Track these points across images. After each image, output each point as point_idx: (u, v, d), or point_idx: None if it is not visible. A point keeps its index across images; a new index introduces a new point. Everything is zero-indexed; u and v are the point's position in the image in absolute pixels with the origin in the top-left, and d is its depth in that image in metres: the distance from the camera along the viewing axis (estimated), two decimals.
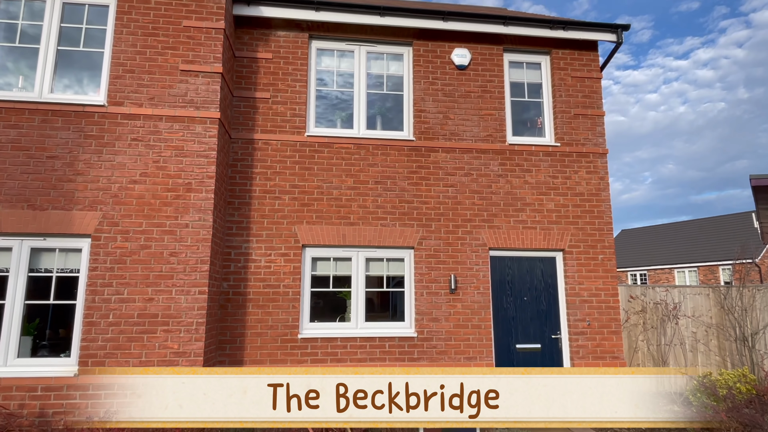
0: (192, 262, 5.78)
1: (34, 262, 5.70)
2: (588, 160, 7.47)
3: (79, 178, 5.79)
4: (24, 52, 6.13)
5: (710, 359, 9.18)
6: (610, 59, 7.82)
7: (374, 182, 6.99)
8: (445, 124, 7.29)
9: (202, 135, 6.05)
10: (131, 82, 6.06)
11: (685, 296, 9.37)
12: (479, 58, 7.53)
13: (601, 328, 7.02)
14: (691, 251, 30.77)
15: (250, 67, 7.05)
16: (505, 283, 7.12)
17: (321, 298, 6.82)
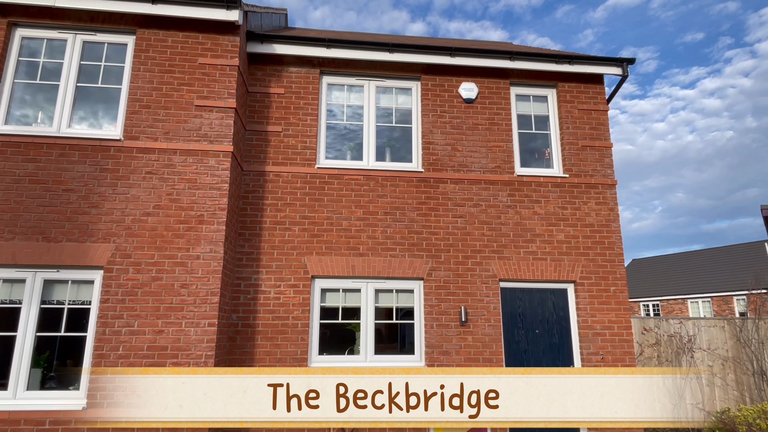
0: (202, 294, 5.80)
1: (47, 294, 5.75)
2: (597, 191, 7.49)
3: (93, 210, 5.89)
4: (43, 88, 6.33)
5: (728, 394, 8.94)
6: (617, 92, 7.92)
7: (383, 213, 7.04)
8: (453, 155, 7.37)
9: (215, 168, 6.16)
10: (147, 117, 6.22)
11: (699, 329, 9.21)
12: (486, 92, 7.67)
13: (615, 362, 6.89)
14: (703, 281, 30.32)
15: (262, 102, 7.22)
16: (516, 316, 7.05)
17: (330, 329, 6.78)
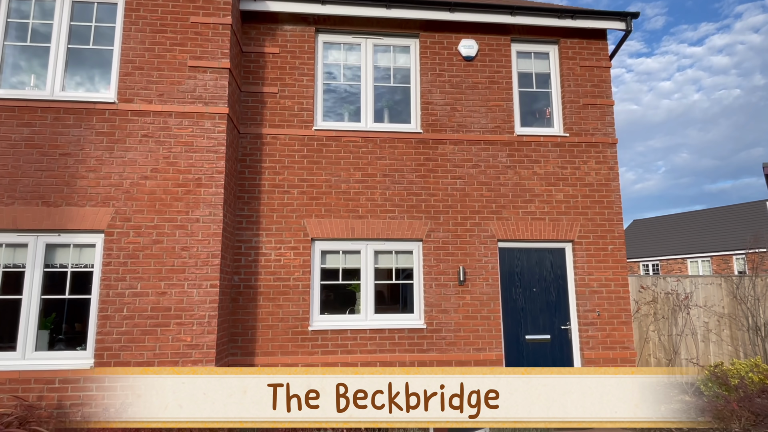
0: (203, 257, 5.86)
1: (50, 258, 5.81)
2: (597, 150, 7.43)
3: (91, 174, 5.88)
4: (35, 51, 6.21)
5: (722, 349, 9.13)
6: (620, 48, 7.74)
7: (382, 175, 7.01)
8: (452, 116, 7.28)
9: (211, 130, 6.11)
10: (141, 78, 6.12)
11: (696, 286, 9.31)
12: (486, 49, 7.49)
13: (611, 319, 7.01)
14: (704, 241, 30.45)
15: (257, 62, 7.08)
16: (514, 275, 7.12)
17: (331, 290, 6.88)
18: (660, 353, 9.03)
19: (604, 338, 6.95)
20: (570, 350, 7.02)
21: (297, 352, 6.49)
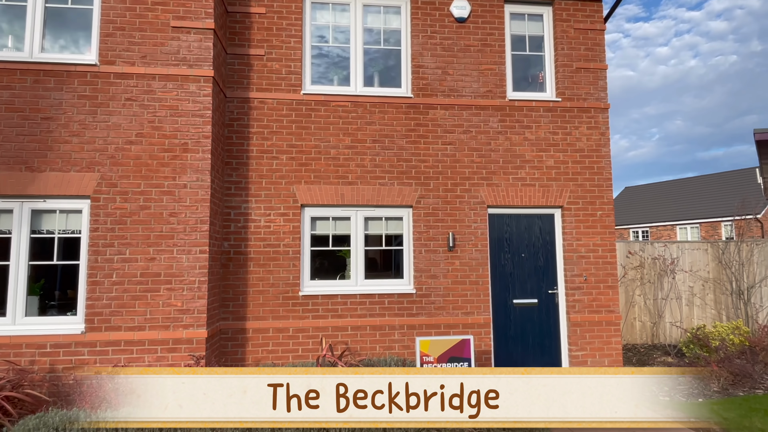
0: (192, 222, 5.83)
1: (36, 224, 5.76)
2: (589, 116, 7.37)
3: (75, 139, 5.77)
4: (12, 10, 5.98)
5: (706, 312, 9.34)
6: (615, 10, 7.57)
7: (372, 141, 6.94)
8: (444, 80, 7.16)
9: (196, 94, 5.97)
10: (122, 40, 5.94)
11: (683, 251, 9.45)
12: (479, 10, 7.31)
13: (598, 283, 7.11)
14: (693, 208, 30.73)
15: (243, 23, 6.87)
16: (503, 241, 7.17)
17: (321, 257, 6.90)
18: (645, 317, 9.22)
19: (591, 302, 7.07)
20: (557, 313, 7.15)
21: (288, 317, 6.56)
